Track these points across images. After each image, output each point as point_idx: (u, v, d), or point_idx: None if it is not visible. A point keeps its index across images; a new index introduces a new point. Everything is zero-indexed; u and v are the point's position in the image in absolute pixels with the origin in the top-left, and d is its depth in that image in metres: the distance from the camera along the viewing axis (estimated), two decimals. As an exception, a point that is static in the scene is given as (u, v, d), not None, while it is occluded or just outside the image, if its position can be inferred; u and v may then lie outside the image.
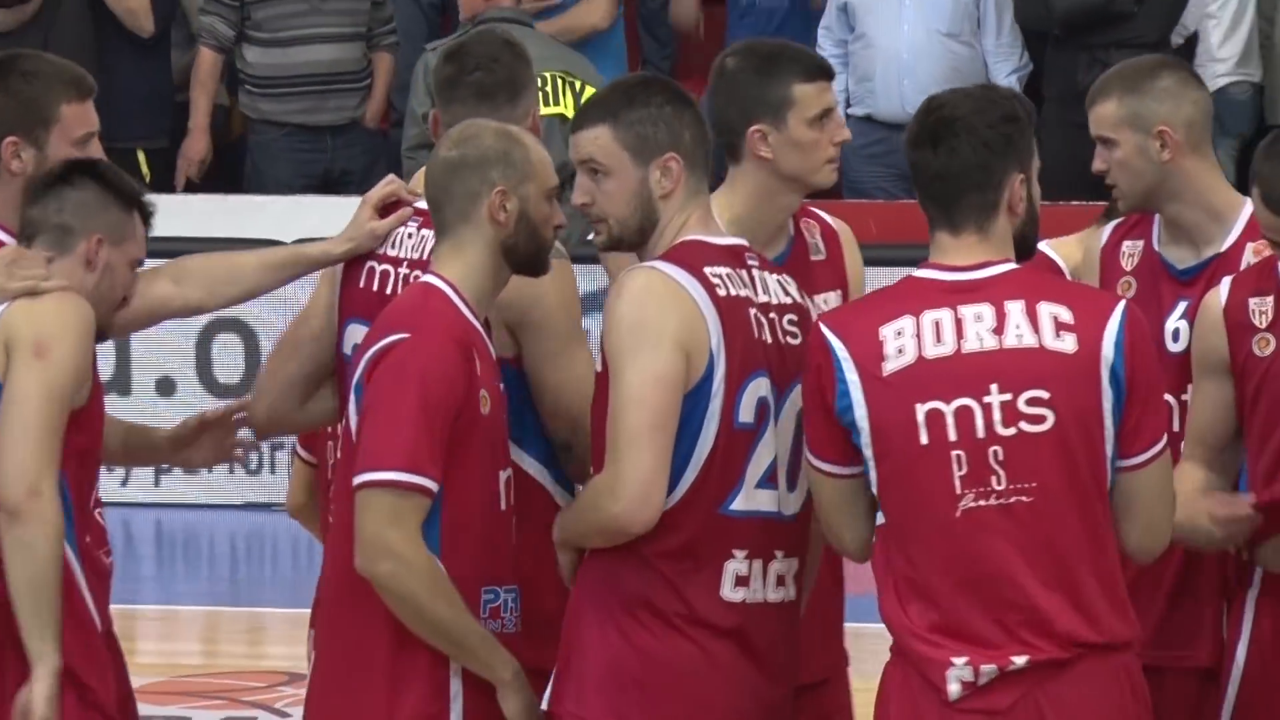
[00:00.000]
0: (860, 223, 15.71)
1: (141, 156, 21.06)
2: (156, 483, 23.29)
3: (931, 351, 7.75)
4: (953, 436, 7.86)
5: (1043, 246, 9.39)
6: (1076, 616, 7.97)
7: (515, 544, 8.57)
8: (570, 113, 18.02)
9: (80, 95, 8.83)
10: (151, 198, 8.63)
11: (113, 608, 9.64)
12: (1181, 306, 8.95)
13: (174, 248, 17.53)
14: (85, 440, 8.61)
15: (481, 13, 18.70)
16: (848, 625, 9.88)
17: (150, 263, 19.47)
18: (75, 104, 8.74)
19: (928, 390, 7.58)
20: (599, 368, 8.19)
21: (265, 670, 18.44)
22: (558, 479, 9.14)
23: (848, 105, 20.07)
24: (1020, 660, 7.84)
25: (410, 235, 8.99)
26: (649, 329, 7.91)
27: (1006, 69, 20.27)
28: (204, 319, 21.11)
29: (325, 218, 16.98)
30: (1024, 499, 7.92)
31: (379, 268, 9.13)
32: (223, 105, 22.32)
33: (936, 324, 7.64)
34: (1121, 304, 7.48)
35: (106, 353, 20.64)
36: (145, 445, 9.82)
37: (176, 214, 20.11)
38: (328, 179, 22.26)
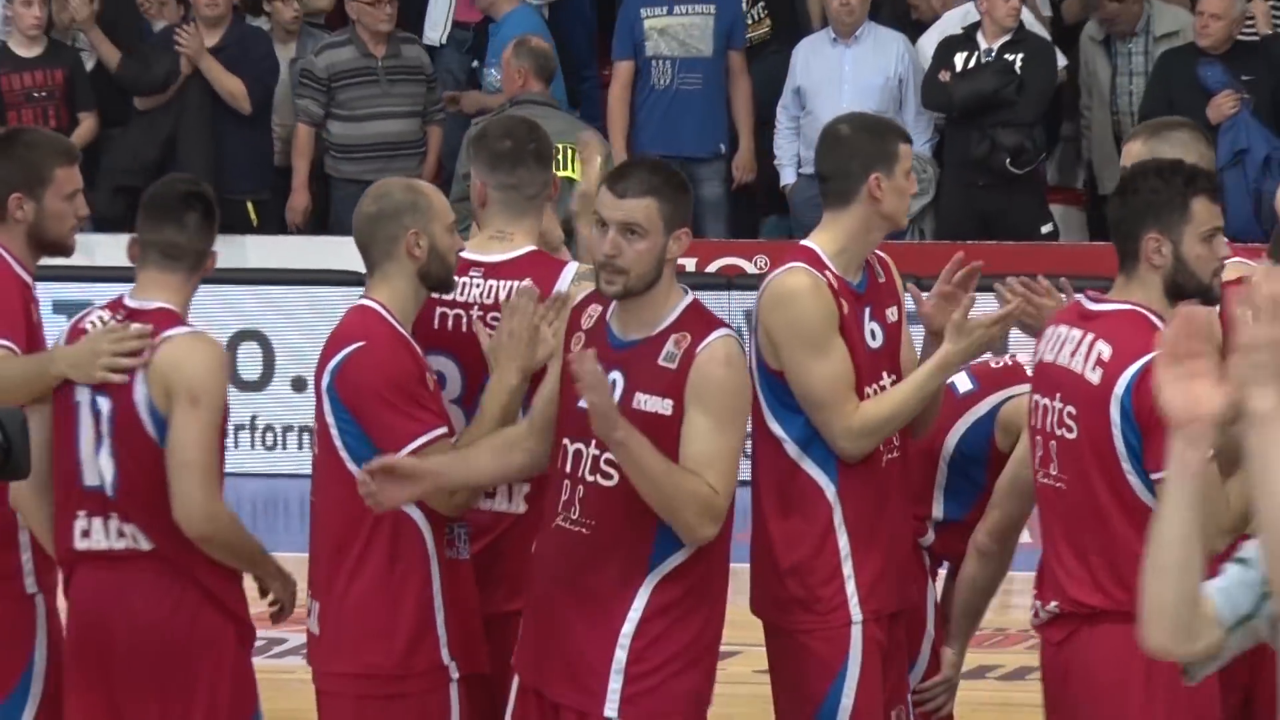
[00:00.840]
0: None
1: (250, 206, 21.61)
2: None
3: (1047, 355, 9.32)
4: (1037, 424, 9.60)
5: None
6: (1085, 587, 9.44)
7: None
8: (578, 176, 17.02)
9: (70, 161, 10.25)
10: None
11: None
12: None
13: (280, 276, 19.36)
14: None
15: (517, 95, 19.45)
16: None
17: (258, 289, 20.55)
18: (66, 168, 10.09)
19: (1037, 384, 9.28)
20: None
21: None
22: None
23: (799, 165, 21.09)
24: (1052, 607, 9.47)
25: (478, 285, 9.96)
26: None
27: (920, 140, 19.84)
28: (231, 329, 20.94)
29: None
30: (1061, 486, 9.48)
31: (450, 312, 10.06)
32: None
33: (1059, 337, 9.26)
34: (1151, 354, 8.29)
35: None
36: None
37: (284, 249, 22.46)
38: (392, 224, 23.05)
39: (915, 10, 22.00)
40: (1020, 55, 20.38)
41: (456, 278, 9.80)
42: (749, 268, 21.06)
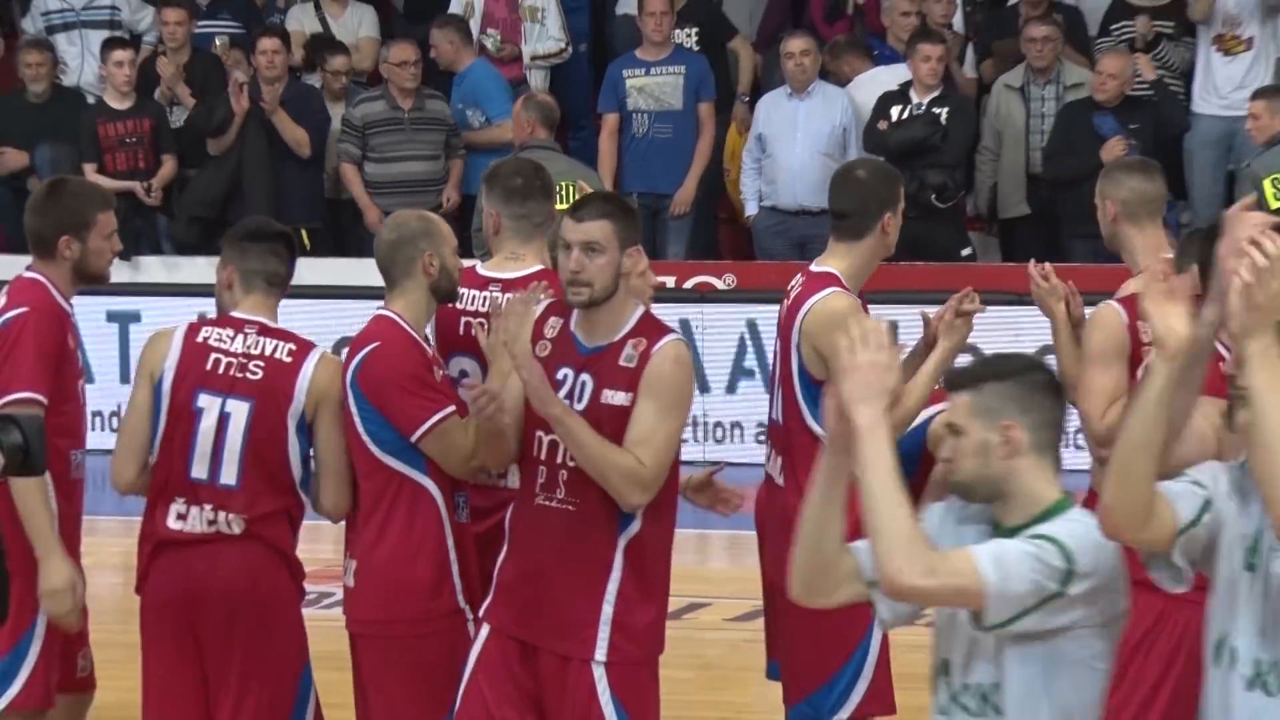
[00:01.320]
0: (767, 277, 19.15)
1: (304, 233, 20.79)
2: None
3: None
4: None
5: None
6: None
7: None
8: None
9: (108, 206, 10.57)
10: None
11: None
12: None
13: (313, 291, 19.54)
14: None
15: (526, 141, 18.86)
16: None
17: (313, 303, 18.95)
18: (105, 212, 10.38)
19: None
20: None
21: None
22: None
23: (760, 199, 21.33)
24: None
25: (496, 297, 10.42)
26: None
27: None
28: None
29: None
30: None
31: (474, 320, 10.52)
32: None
33: None
34: None
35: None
36: None
37: (326, 269, 21.39)
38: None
39: (834, 76, 21.83)
40: (946, 109, 20.43)
41: (478, 292, 10.38)
42: (719, 284, 21.12)
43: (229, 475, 10.10)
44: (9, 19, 22.96)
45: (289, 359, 9.91)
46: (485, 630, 9.95)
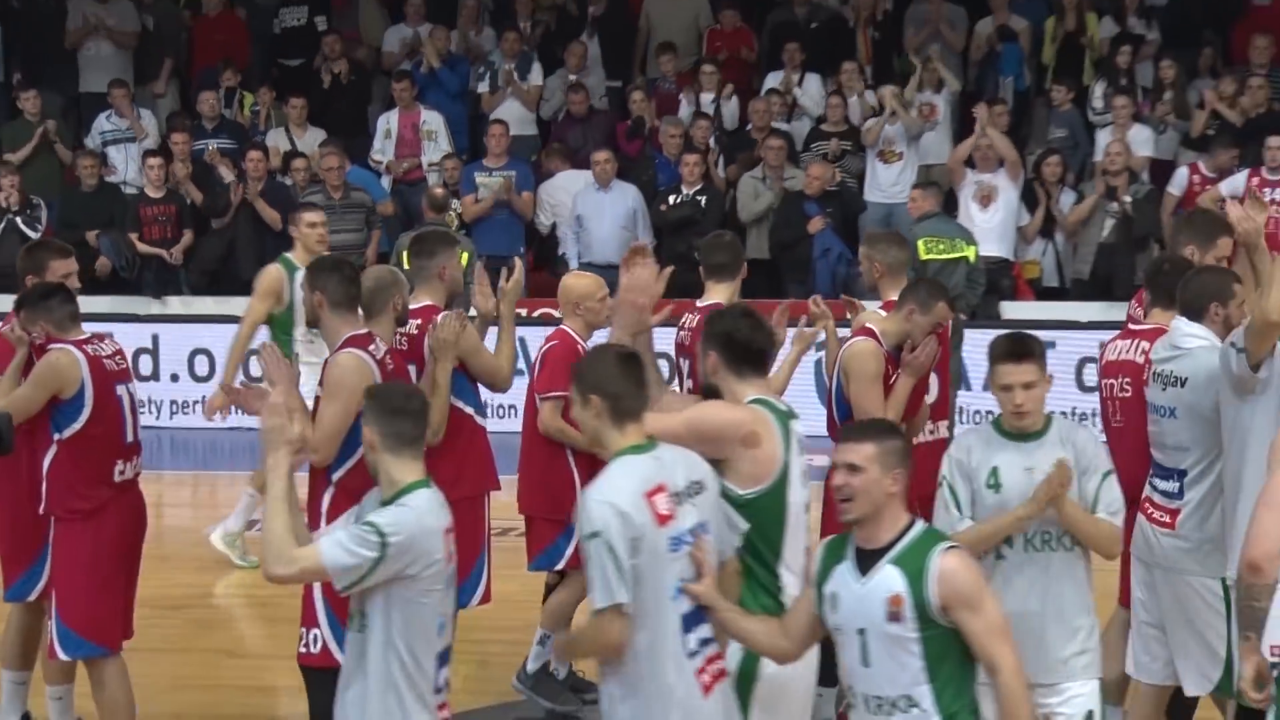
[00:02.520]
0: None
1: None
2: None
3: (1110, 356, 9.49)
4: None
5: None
6: None
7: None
8: (464, 263, 15.31)
9: (62, 256, 10.27)
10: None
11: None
12: None
13: None
14: None
15: (427, 220, 19.39)
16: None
17: None
18: (59, 260, 10.12)
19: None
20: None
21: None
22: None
23: (579, 258, 20.60)
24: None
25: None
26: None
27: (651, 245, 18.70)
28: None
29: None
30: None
31: (402, 336, 10.22)
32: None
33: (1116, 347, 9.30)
34: None
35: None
36: None
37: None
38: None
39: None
40: (704, 197, 20.27)
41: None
42: (555, 313, 19.56)
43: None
44: (79, 136, 22.52)
45: None
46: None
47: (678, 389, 10.20)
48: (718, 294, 10.17)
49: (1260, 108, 20.16)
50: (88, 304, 11.44)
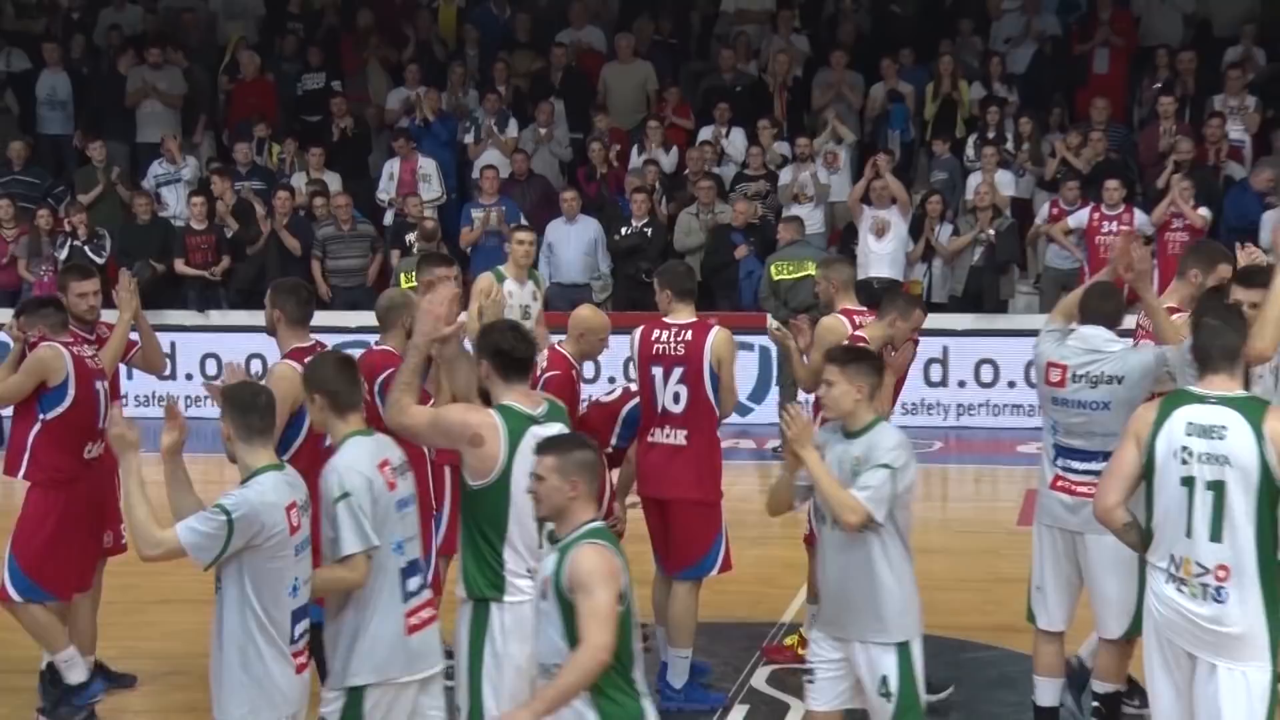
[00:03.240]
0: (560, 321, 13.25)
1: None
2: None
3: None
4: None
5: None
6: None
7: None
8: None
9: (84, 277, 10.06)
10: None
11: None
12: None
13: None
14: None
15: (424, 248, 18.32)
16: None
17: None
18: (78, 281, 9.91)
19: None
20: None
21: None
22: None
23: (550, 278, 19.61)
24: None
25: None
26: None
27: (606, 268, 20.48)
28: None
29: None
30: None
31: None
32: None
33: None
34: None
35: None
36: None
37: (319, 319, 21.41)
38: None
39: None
40: (650, 229, 20.13)
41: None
42: None
43: None
44: (135, 179, 22.09)
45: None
46: None
47: (632, 391, 10.01)
48: (685, 313, 9.71)
49: (1099, 157, 20.27)
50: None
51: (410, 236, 20.03)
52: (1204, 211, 19.15)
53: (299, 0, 24.36)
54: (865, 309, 10.32)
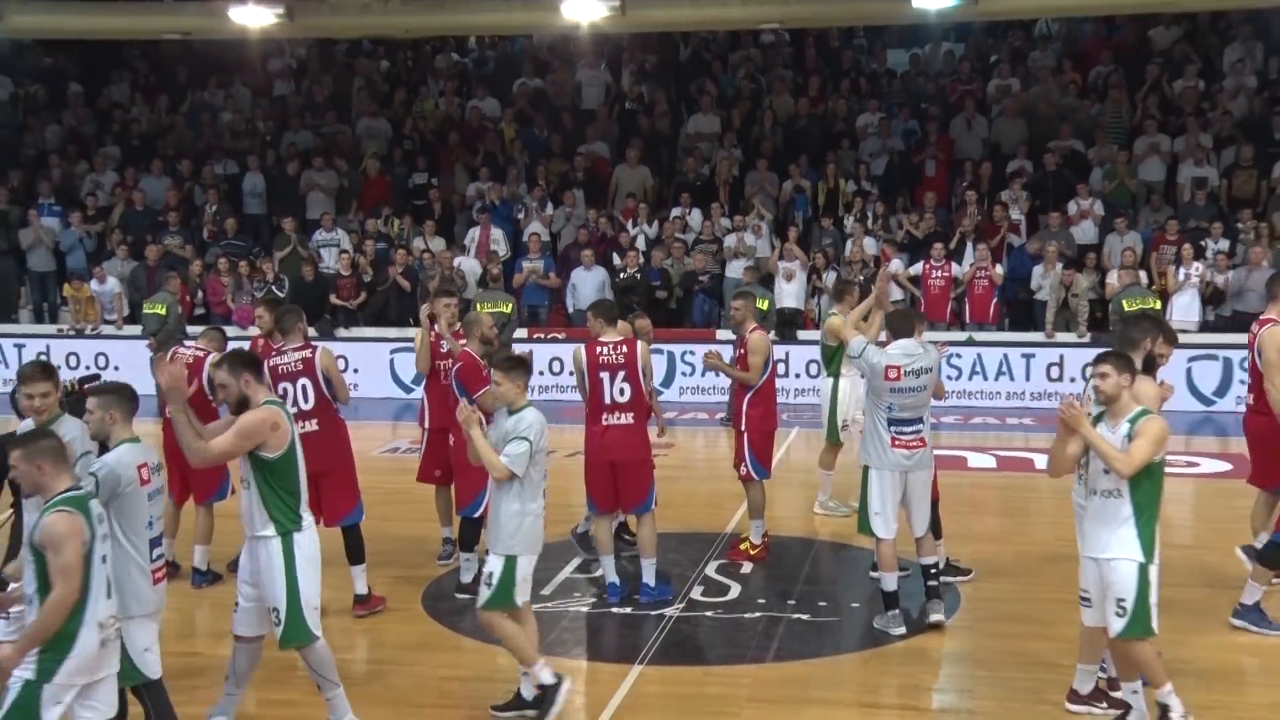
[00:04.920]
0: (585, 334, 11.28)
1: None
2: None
3: None
4: None
5: None
6: None
7: None
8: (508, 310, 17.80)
9: (271, 307, 9.31)
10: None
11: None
12: None
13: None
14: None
15: (491, 287, 18.26)
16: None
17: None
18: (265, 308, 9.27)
19: None
20: None
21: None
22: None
23: (574, 306, 19.45)
24: None
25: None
26: None
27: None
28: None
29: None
30: None
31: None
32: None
33: None
34: None
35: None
36: None
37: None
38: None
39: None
40: (640, 274, 19.36)
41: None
42: (560, 335, 19.13)
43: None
44: (305, 243, 21.27)
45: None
46: None
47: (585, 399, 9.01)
48: (613, 333, 9.02)
49: (931, 229, 20.17)
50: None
51: (437, 279, 19.18)
52: (1000, 268, 19.10)
53: (412, 125, 24.00)
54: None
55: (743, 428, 10.04)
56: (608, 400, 8.84)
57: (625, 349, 8.80)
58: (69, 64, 24.38)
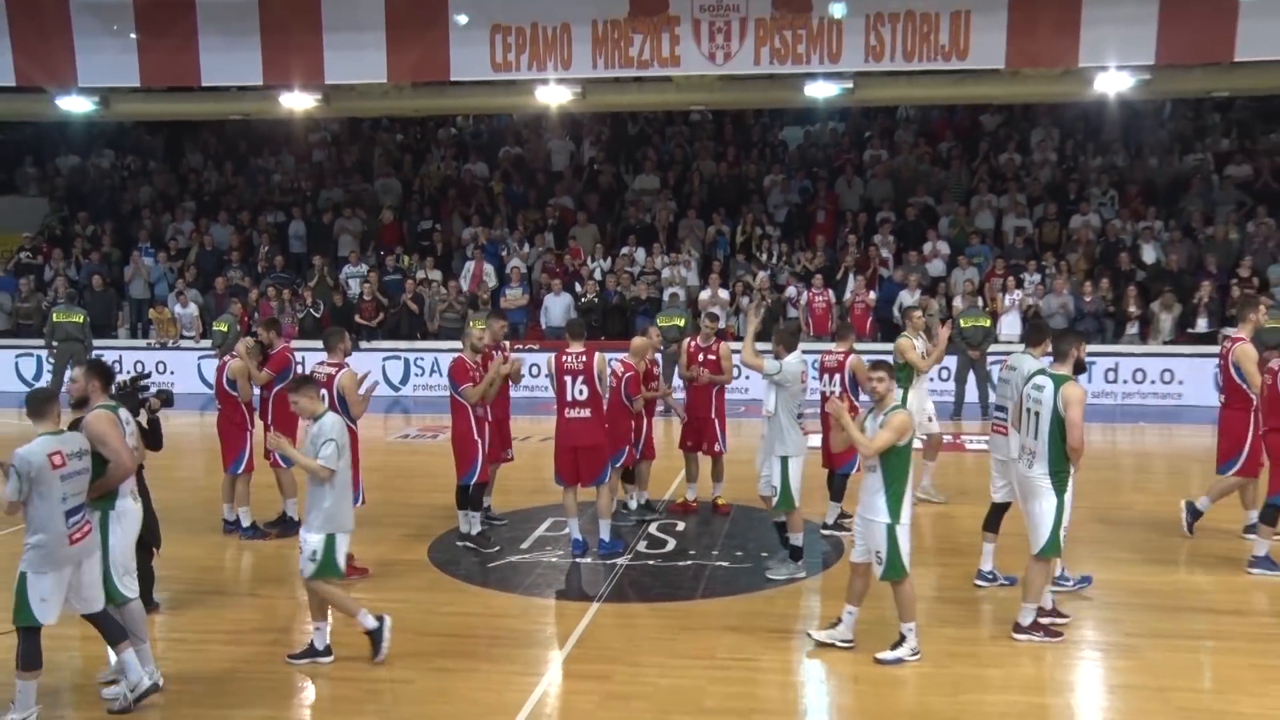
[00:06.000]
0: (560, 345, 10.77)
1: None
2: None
3: None
4: None
5: None
6: None
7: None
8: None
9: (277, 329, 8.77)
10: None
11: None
12: None
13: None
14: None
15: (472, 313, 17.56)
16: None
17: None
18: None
19: None
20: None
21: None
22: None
23: (549, 323, 18.90)
24: None
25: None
26: None
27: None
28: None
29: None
30: None
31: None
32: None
33: None
34: None
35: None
36: None
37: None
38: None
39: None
40: (597, 299, 18.77)
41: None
42: (537, 347, 18.25)
43: None
44: (335, 275, 20.68)
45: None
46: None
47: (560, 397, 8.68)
48: (578, 346, 8.69)
49: (821, 264, 19.85)
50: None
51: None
52: (873, 294, 18.83)
53: (419, 183, 23.42)
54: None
55: (712, 414, 9.90)
56: (569, 398, 8.64)
57: (584, 358, 8.55)
58: (156, 139, 24.81)
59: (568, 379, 8.64)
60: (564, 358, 8.68)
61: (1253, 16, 11.86)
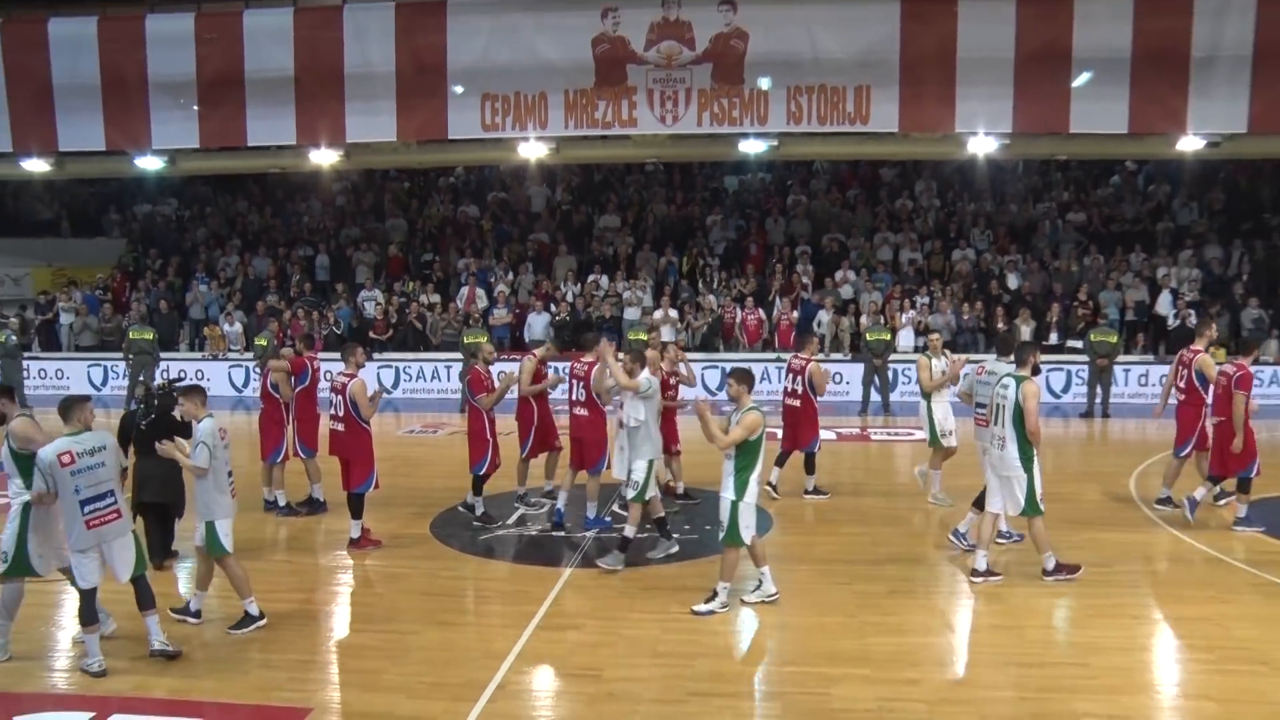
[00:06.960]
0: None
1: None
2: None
3: None
4: None
5: None
6: None
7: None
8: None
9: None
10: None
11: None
12: None
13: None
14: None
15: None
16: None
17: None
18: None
19: None
20: None
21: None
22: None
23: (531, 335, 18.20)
24: None
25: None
26: None
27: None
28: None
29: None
30: None
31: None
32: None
33: None
34: None
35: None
36: None
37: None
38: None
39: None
40: (569, 318, 17.98)
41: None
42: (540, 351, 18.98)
43: None
44: (355, 298, 19.83)
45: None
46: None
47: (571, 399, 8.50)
48: (588, 357, 8.47)
49: (753, 288, 19.27)
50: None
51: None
52: (796, 313, 18.24)
53: (422, 223, 22.69)
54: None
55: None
56: (573, 398, 8.58)
57: (588, 367, 8.48)
58: (210, 189, 24.67)
59: (576, 383, 8.59)
60: (576, 365, 8.63)
61: (1082, 99, 12.84)
